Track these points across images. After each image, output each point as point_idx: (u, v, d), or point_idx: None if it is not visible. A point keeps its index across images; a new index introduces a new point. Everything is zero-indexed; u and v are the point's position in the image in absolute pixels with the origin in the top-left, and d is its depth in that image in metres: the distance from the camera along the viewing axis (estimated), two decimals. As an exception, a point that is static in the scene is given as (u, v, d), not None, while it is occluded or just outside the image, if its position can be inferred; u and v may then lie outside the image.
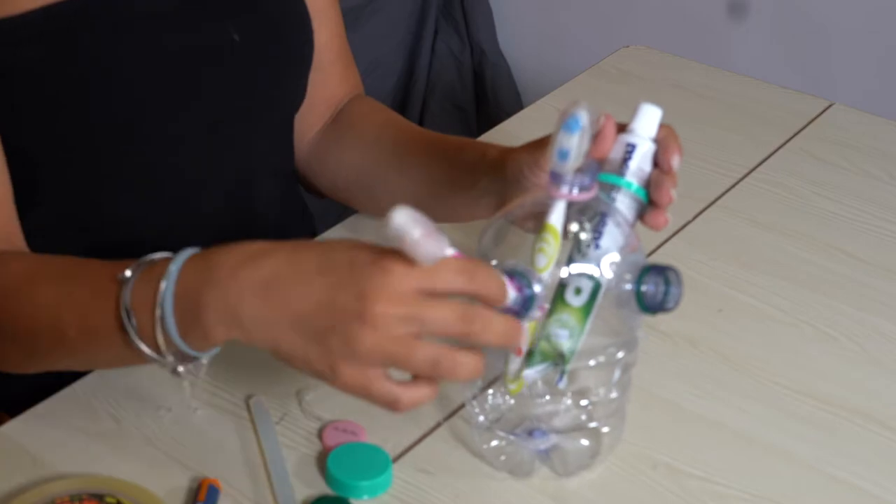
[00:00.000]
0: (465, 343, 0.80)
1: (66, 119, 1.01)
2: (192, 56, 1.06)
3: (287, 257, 0.82)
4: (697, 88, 1.58)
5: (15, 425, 1.00)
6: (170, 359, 0.87)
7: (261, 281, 0.81)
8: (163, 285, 0.84)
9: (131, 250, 1.08)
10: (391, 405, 0.81)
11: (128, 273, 0.87)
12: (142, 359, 0.88)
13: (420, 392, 0.81)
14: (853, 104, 1.55)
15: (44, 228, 1.06)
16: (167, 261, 0.86)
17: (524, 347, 0.88)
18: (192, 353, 0.87)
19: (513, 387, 0.90)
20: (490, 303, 0.81)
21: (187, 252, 0.86)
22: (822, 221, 1.31)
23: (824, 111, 1.52)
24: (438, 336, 0.79)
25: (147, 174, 1.08)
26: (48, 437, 0.98)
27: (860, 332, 1.14)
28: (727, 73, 1.62)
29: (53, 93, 1.00)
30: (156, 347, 0.87)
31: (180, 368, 0.88)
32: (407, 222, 0.75)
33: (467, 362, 0.79)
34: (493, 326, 0.80)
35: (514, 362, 0.89)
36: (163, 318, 0.85)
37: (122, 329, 0.87)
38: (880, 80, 2.26)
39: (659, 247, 1.24)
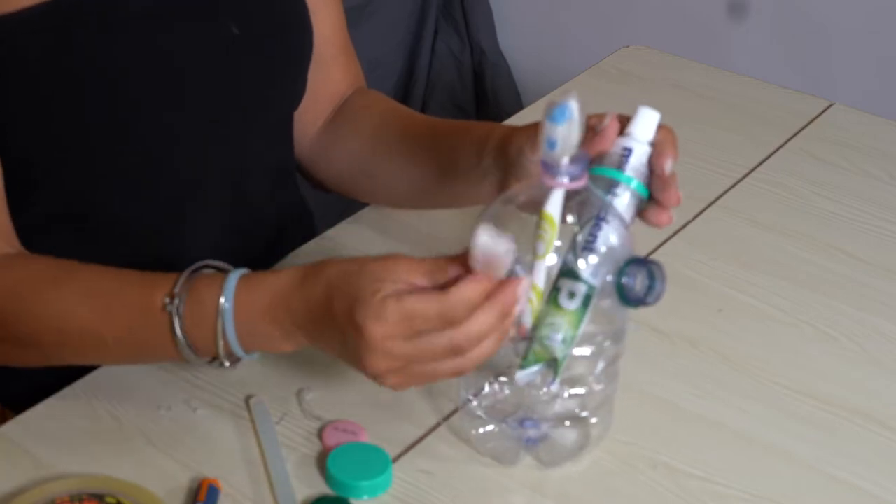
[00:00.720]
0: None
1: (61, 118, 1.01)
2: (186, 56, 1.06)
3: (304, 300, 0.90)
4: (697, 88, 1.57)
5: (15, 425, 1.00)
6: (226, 363, 0.95)
7: (298, 320, 0.91)
8: (221, 311, 0.92)
9: (127, 249, 1.08)
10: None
11: (176, 301, 0.93)
12: (185, 360, 0.96)
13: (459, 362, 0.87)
14: (853, 104, 1.55)
15: (39, 228, 1.06)
16: (213, 288, 0.93)
17: (528, 325, 0.89)
18: (249, 357, 0.95)
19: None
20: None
21: (234, 277, 0.92)
22: (822, 221, 1.31)
23: (824, 111, 1.52)
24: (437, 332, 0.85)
25: (142, 173, 1.08)
26: (48, 437, 0.98)
27: (860, 332, 1.14)
28: (727, 73, 1.62)
29: (49, 92, 1.00)
30: (212, 358, 0.95)
31: (227, 363, 0.95)
32: (487, 244, 0.83)
33: (478, 326, 0.85)
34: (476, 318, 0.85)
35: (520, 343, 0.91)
36: (226, 343, 0.93)
37: (174, 344, 0.94)
38: (880, 80, 2.26)
39: (659, 247, 1.24)
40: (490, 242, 0.83)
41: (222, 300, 0.92)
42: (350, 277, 0.87)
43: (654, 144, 0.93)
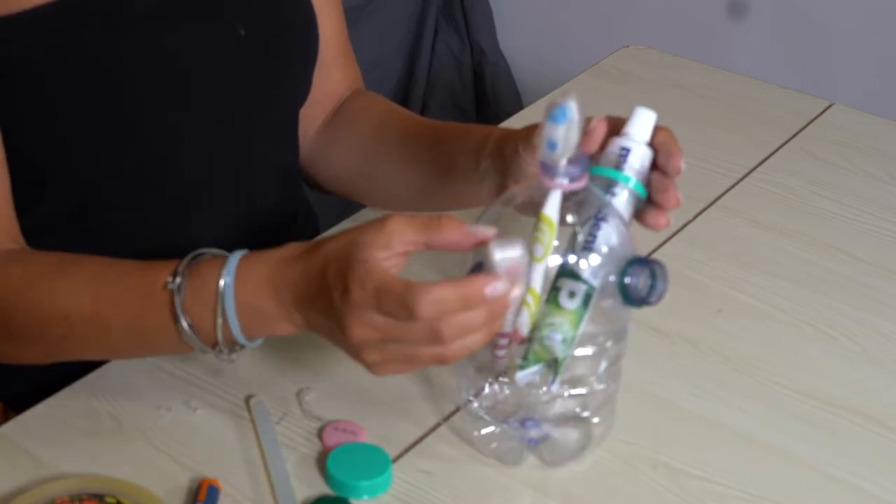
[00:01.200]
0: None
1: (66, 118, 1.01)
2: (191, 56, 1.06)
3: (302, 271, 0.89)
4: (697, 88, 1.58)
5: (15, 425, 1.00)
6: (225, 351, 0.94)
7: (295, 293, 0.90)
8: (222, 287, 0.91)
9: (132, 249, 1.09)
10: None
11: (177, 280, 0.93)
12: (190, 350, 0.95)
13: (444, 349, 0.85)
14: (853, 104, 1.55)
15: (45, 228, 1.06)
16: (215, 266, 0.92)
17: (524, 330, 0.89)
18: (249, 344, 0.94)
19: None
20: None
21: (236, 256, 0.92)
22: (822, 221, 1.31)
23: (824, 111, 1.52)
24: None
25: (147, 173, 1.08)
26: (48, 437, 0.98)
27: (860, 332, 1.14)
28: (727, 73, 1.62)
29: (54, 92, 1.00)
30: (213, 344, 0.93)
31: (234, 356, 0.95)
32: (505, 258, 0.84)
33: (465, 320, 0.83)
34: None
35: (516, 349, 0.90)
36: (225, 323, 0.92)
37: (176, 329, 0.93)
38: (880, 80, 2.26)
39: (659, 247, 1.24)
40: (507, 256, 0.83)
41: (223, 277, 0.91)
42: (348, 246, 0.87)
43: (655, 146, 0.93)
